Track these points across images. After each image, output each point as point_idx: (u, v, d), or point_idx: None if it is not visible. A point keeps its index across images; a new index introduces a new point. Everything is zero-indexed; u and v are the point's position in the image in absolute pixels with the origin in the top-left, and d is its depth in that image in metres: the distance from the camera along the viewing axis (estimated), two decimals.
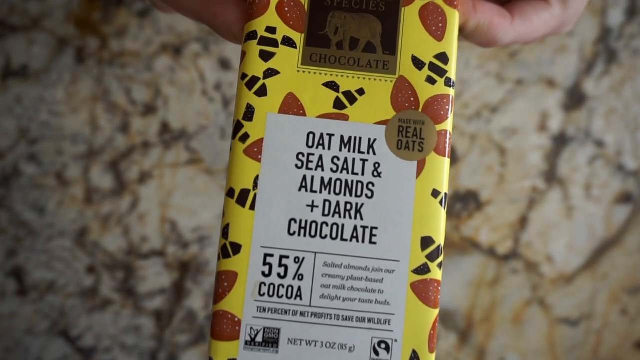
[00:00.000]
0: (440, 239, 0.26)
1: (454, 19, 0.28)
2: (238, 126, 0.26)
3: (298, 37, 0.27)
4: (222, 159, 0.52)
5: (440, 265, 0.26)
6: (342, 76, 0.27)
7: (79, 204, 0.51)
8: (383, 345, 0.25)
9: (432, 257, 0.26)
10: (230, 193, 0.26)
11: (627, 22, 0.53)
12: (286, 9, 0.27)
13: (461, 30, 0.30)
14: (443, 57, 0.27)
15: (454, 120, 0.52)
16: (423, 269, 0.26)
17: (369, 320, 0.25)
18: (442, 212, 0.26)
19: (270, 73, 0.27)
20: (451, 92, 0.27)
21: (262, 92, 0.27)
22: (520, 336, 0.52)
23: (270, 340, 0.25)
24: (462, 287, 0.52)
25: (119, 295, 0.51)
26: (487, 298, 0.52)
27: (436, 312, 0.26)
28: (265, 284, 0.26)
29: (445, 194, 0.26)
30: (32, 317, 0.51)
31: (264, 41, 0.27)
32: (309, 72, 0.27)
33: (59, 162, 0.52)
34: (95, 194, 0.51)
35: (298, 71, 0.27)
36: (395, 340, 0.25)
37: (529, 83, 0.53)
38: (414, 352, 0.25)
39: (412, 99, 0.27)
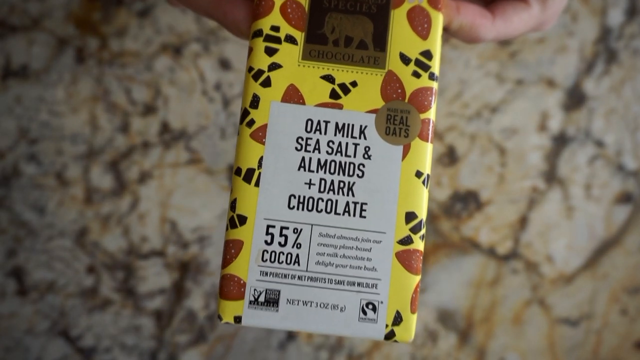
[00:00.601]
0: (422, 214, 0.32)
1: (438, 20, 0.34)
2: (245, 113, 0.32)
3: (299, 35, 0.33)
4: (222, 159, 0.54)
5: (422, 237, 0.32)
6: (337, 70, 0.33)
7: (79, 204, 0.53)
8: (370, 306, 0.31)
9: (415, 229, 0.32)
10: (237, 172, 0.32)
11: (627, 22, 0.55)
12: (289, 10, 0.33)
13: (446, 29, 0.35)
14: (427, 54, 0.33)
15: (454, 119, 0.54)
16: (407, 240, 0.32)
17: (358, 284, 0.31)
18: (425, 191, 0.32)
19: (274, 66, 0.32)
20: (434, 85, 0.33)
21: (266, 83, 0.32)
22: (520, 336, 0.54)
23: (271, 301, 0.31)
24: (462, 287, 0.54)
25: (119, 295, 0.53)
26: (487, 298, 0.54)
27: (418, 278, 0.32)
28: (267, 251, 0.31)
29: (428, 174, 0.32)
30: (32, 317, 0.53)
31: (268, 38, 0.33)
32: (309, 66, 0.32)
33: (59, 162, 0.54)
34: (95, 194, 0.53)
35: (299, 65, 0.33)
36: (381, 302, 0.31)
37: (529, 83, 0.55)
38: (398, 312, 0.32)
39: (399, 90, 0.33)
